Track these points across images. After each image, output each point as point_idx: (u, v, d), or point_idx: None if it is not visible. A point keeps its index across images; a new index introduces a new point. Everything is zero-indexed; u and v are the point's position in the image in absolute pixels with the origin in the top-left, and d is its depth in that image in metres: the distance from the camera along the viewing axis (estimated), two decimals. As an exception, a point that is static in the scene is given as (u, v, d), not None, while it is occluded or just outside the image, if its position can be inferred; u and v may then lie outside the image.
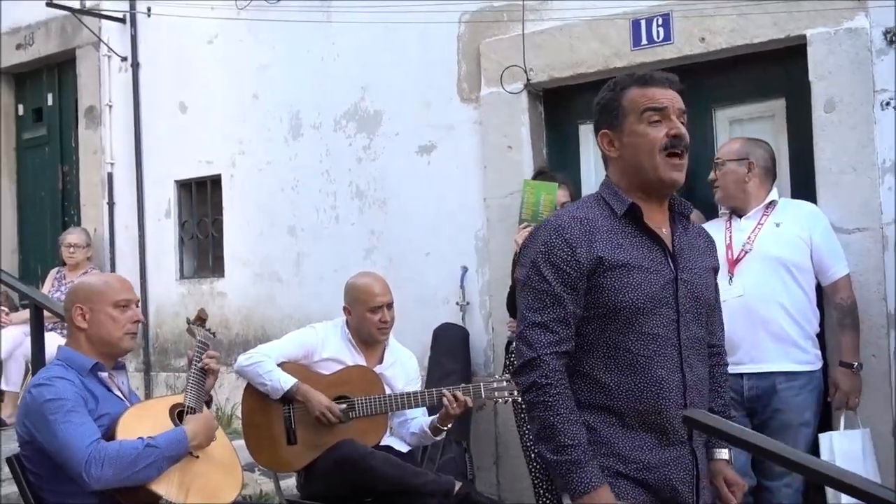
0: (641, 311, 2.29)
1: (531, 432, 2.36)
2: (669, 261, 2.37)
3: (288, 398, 4.12)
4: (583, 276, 2.29)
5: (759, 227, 4.02)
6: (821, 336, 4.10)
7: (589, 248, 2.30)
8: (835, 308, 4.03)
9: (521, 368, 2.34)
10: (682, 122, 2.37)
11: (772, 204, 4.07)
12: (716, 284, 2.57)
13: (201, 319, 3.69)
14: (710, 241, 2.63)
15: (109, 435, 3.13)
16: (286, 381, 4.10)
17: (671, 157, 2.33)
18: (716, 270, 2.59)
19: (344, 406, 4.10)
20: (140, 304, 3.50)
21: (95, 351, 3.30)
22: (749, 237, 4.00)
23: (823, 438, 3.95)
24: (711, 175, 4.18)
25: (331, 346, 4.26)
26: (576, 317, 2.31)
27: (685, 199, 4.39)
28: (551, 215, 2.45)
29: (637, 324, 2.30)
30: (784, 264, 3.93)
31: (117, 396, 3.34)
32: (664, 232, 2.41)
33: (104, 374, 3.34)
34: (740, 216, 4.09)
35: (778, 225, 4.00)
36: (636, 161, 2.36)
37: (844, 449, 3.84)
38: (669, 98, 2.36)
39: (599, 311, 2.31)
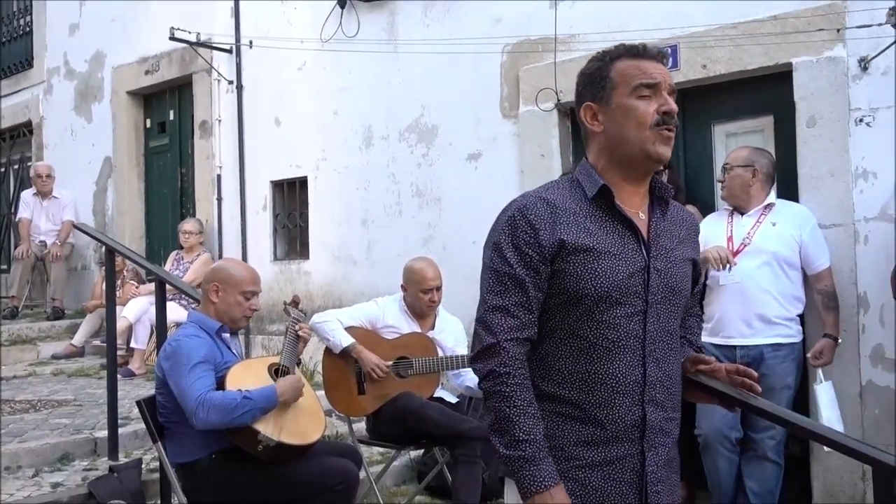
0: (605, 299, 1.78)
1: (487, 422, 1.83)
2: (642, 248, 1.83)
3: (360, 356, 4.16)
4: (545, 260, 1.79)
5: (758, 224, 3.96)
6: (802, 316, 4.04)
7: (552, 230, 1.79)
8: (820, 293, 3.97)
9: (479, 354, 1.83)
10: (673, 99, 1.86)
11: (770, 206, 4.01)
12: (693, 276, 1.98)
13: (295, 303, 3.75)
14: (693, 231, 2.01)
15: (220, 381, 3.22)
16: (345, 340, 4.13)
17: (662, 132, 1.82)
18: (695, 262, 1.98)
19: (391, 363, 4.14)
20: (260, 294, 3.55)
21: (218, 320, 3.41)
22: (749, 233, 3.95)
23: (819, 389, 3.93)
24: (720, 176, 4.13)
25: (390, 316, 4.29)
26: (538, 302, 1.81)
27: (676, 197, 4.41)
28: (529, 195, 1.88)
29: (598, 312, 1.78)
30: (776, 258, 3.89)
31: (234, 354, 3.44)
32: (640, 217, 1.87)
33: (226, 336, 3.44)
34: (742, 213, 4.03)
35: (774, 224, 3.94)
36: (622, 135, 1.83)
37: (830, 396, 3.89)
38: (661, 73, 1.84)
39: (562, 297, 1.80)
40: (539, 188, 1.91)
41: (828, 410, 3.83)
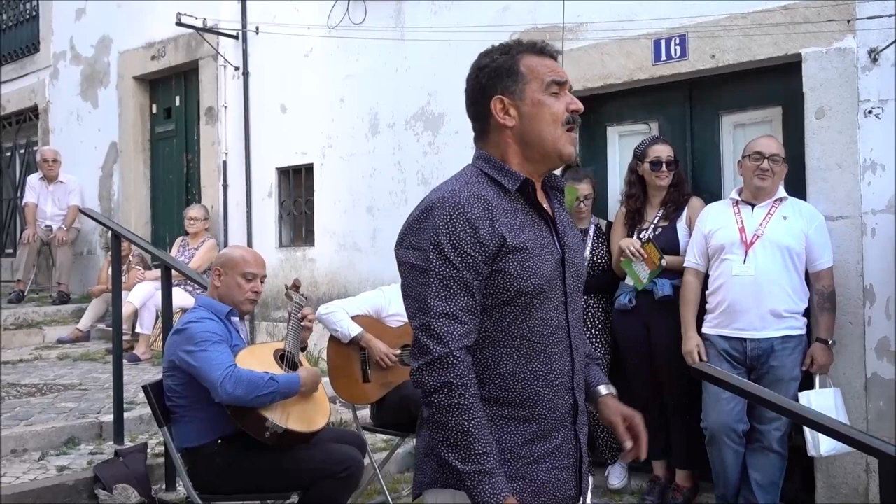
0: (539, 294, 1.76)
1: (435, 436, 1.72)
2: (555, 239, 1.85)
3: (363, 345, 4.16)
4: (487, 260, 1.72)
5: (770, 216, 3.93)
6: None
7: (491, 228, 1.72)
8: (817, 293, 3.94)
9: (428, 366, 1.69)
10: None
11: (780, 199, 3.98)
12: None
13: (296, 287, 3.75)
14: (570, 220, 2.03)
15: None
16: (353, 330, 4.15)
17: (570, 132, 1.84)
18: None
19: (398, 352, 4.15)
20: (265, 278, 3.55)
21: (225, 305, 3.42)
22: (761, 224, 3.93)
23: (802, 396, 3.89)
24: (764, 164, 3.90)
25: (396, 304, 4.28)
26: (480, 305, 1.74)
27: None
28: (458, 191, 1.77)
29: (534, 308, 1.76)
30: (788, 251, 3.87)
31: (241, 338, 3.45)
32: (546, 208, 1.88)
33: (235, 319, 3.44)
34: (751, 205, 4.00)
35: (785, 218, 3.92)
36: (536, 130, 1.82)
37: (819, 404, 3.77)
38: (565, 72, 1.88)
39: (500, 297, 1.75)
40: (459, 182, 1.81)
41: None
